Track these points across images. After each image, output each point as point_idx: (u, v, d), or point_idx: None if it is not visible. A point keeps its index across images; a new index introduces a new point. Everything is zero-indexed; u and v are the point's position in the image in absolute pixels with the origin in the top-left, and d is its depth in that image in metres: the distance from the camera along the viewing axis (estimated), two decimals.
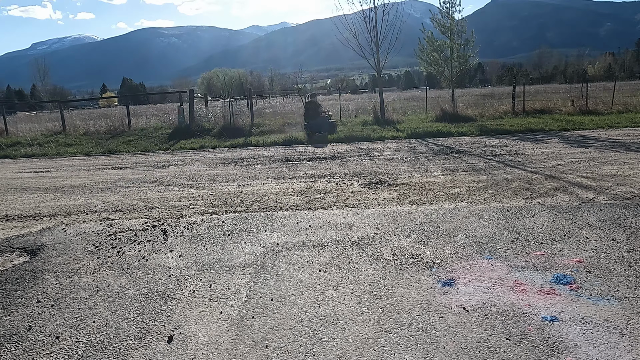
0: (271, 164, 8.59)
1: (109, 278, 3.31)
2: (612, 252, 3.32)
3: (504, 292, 2.78)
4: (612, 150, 8.06)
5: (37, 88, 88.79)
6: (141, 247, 3.97)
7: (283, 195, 5.71)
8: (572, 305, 2.58)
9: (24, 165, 10.52)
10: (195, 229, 4.43)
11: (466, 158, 7.99)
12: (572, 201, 4.73)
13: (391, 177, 6.58)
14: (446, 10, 16.45)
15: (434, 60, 16.77)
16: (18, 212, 5.53)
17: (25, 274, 3.47)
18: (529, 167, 6.72)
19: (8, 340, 2.49)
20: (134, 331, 2.53)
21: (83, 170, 9.02)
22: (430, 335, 2.33)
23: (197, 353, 2.29)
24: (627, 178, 5.68)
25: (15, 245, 4.17)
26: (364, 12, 15.31)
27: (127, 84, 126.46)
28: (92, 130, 16.13)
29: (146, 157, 10.82)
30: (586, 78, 36.04)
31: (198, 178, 7.35)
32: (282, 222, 4.52)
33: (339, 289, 2.93)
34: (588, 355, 2.10)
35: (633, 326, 2.33)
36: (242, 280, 3.16)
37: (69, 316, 2.74)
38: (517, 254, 3.37)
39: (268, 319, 2.59)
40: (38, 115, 33.35)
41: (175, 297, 2.93)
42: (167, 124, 16.46)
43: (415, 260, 3.34)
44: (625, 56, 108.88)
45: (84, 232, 4.49)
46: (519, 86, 17.76)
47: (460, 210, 4.63)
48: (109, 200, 5.93)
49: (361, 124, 15.03)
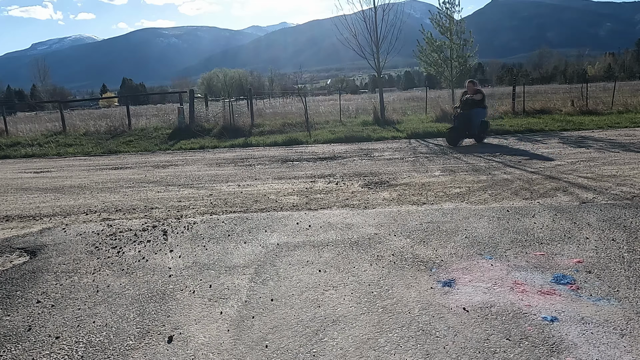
0: (271, 164, 8.60)
1: (109, 278, 3.31)
2: (612, 252, 3.32)
3: (504, 292, 2.78)
4: (612, 150, 8.06)
5: (37, 88, 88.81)
6: (141, 247, 3.97)
7: (283, 196, 5.71)
8: (572, 305, 2.58)
9: (24, 166, 10.52)
10: (195, 229, 4.43)
11: (466, 158, 7.99)
12: (572, 201, 4.73)
13: (391, 177, 6.58)
14: (445, 11, 16.46)
15: (434, 60, 16.77)
16: (18, 212, 5.53)
17: (25, 274, 3.47)
18: (529, 168, 6.72)
19: (8, 340, 2.49)
20: (134, 331, 2.53)
21: (83, 171, 9.02)
22: (430, 335, 2.33)
23: (197, 353, 2.29)
24: (627, 178, 5.68)
25: (15, 246, 4.17)
26: (364, 13, 15.32)
27: (127, 84, 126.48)
28: (92, 130, 16.13)
29: (146, 158, 10.82)
30: (586, 78, 36.05)
31: (198, 178, 7.35)
32: (282, 222, 4.52)
33: (339, 289, 2.93)
34: (588, 355, 2.10)
35: (633, 326, 2.33)
36: (242, 280, 3.16)
37: (69, 316, 2.74)
38: (517, 254, 3.37)
39: (268, 319, 2.59)
40: (38, 116, 33.36)
41: (175, 297, 2.93)
42: (167, 124, 16.46)
43: (415, 261, 3.34)
44: (625, 56, 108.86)
45: (84, 232, 4.49)
46: (519, 86, 17.75)
47: (460, 210, 4.63)
48: (109, 201, 5.93)
49: (361, 124, 15.03)
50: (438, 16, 16.48)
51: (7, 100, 72.79)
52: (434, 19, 16.58)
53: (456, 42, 16.26)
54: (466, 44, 16.48)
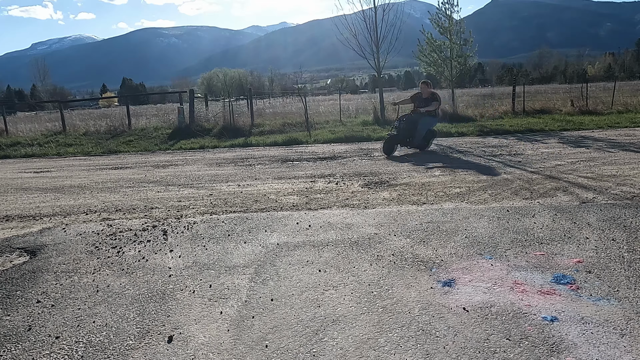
0: (271, 164, 8.60)
1: (109, 278, 3.31)
2: (612, 252, 3.32)
3: (504, 292, 2.78)
4: (612, 150, 8.06)
5: (37, 88, 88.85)
6: (141, 247, 3.97)
7: (283, 195, 5.71)
8: (572, 305, 2.58)
9: (24, 165, 10.52)
10: (195, 229, 4.43)
11: (466, 158, 7.99)
12: (572, 201, 4.73)
13: (391, 177, 6.58)
14: (445, 11, 16.46)
15: (434, 60, 16.78)
16: (18, 212, 5.53)
17: (25, 274, 3.47)
18: (529, 167, 6.72)
19: (8, 340, 2.49)
20: (134, 331, 2.53)
21: (83, 170, 9.02)
22: (430, 335, 2.33)
23: (197, 353, 2.29)
24: (627, 178, 5.68)
25: (15, 245, 4.17)
26: (364, 12, 15.32)
27: (127, 84, 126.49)
28: (92, 130, 16.13)
29: (146, 157, 10.82)
30: (586, 78, 36.05)
31: (198, 178, 7.35)
32: (282, 222, 4.52)
33: (339, 289, 2.93)
34: (588, 355, 2.10)
35: (633, 326, 2.33)
36: (242, 280, 3.16)
37: (69, 316, 2.74)
38: (517, 254, 3.37)
39: (268, 319, 2.59)
40: (38, 116, 33.36)
41: (175, 297, 2.93)
42: (167, 124, 16.45)
43: (415, 261, 3.34)
44: (625, 56, 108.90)
45: (84, 232, 4.49)
46: (519, 86, 17.75)
47: (460, 210, 4.63)
48: (109, 200, 5.93)
49: (361, 124, 15.02)
50: (437, 16, 16.48)
51: (7, 100, 72.82)
52: (434, 19, 16.59)
53: (456, 42, 16.26)
54: (466, 44, 16.48)
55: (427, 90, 8.96)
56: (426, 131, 8.80)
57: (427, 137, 8.94)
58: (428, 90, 8.96)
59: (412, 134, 8.67)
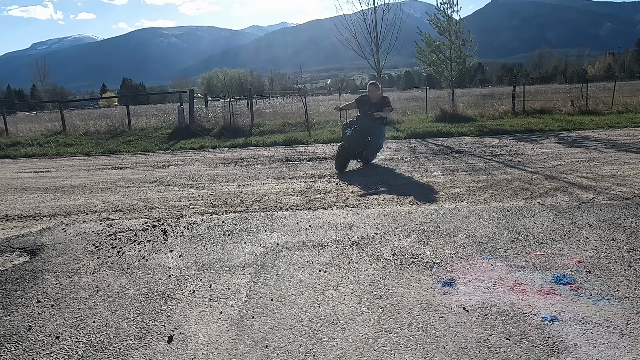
0: (271, 164, 8.59)
1: (109, 278, 3.31)
2: (612, 252, 3.32)
3: (504, 292, 2.78)
4: (611, 150, 8.06)
5: (37, 88, 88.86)
6: (141, 247, 3.97)
7: (283, 195, 5.71)
8: (572, 305, 2.58)
9: (24, 165, 10.52)
10: (195, 229, 4.43)
11: (466, 158, 7.99)
12: (572, 201, 4.73)
13: (391, 177, 6.57)
14: (444, 11, 16.45)
15: (433, 60, 16.77)
16: (18, 212, 5.53)
17: (25, 274, 3.47)
18: (529, 168, 6.72)
19: (8, 340, 2.49)
20: (134, 331, 2.53)
21: (83, 170, 9.02)
22: (430, 335, 2.33)
23: (197, 353, 2.29)
24: (627, 178, 5.68)
25: (15, 245, 4.17)
26: (364, 12, 15.34)
27: (127, 84, 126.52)
28: (92, 130, 16.13)
29: (146, 157, 10.82)
30: (586, 78, 36.06)
31: (198, 178, 7.35)
32: (282, 222, 4.52)
33: (339, 289, 2.93)
34: (588, 355, 2.10)
35: (633, 326, 2.33)
36: (242, 280, 3.16)
37: (69, 316, 2.74)
38: (517, 254, 3.37)
39: (268, 319, 2.59)
40: (38, 116, 33.32)
41: (175, 297, 2.93)
42: (167, 124, 16.45)
43: (415, 261, 3.34)
44: (625, 56, 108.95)
45: (84, 232, 4.49)
46: (519, 86, 17.75)
47: (460, 210, 4.63)
48: (109, 200, 5.93)
49: None
50: (436, 17, 16.47)
51: (7, 100, 72.80)
52: (433, 19, 16.58)
53: (455, 42, 16.25)
54: (465, 44, 16.48)
55: (377, 94, 7.63)
56: (380, 142, 7.66)
57: (379, 149, 7.83)
58: (378, 94, 7.64)
59: (364, 144, 7.28)
